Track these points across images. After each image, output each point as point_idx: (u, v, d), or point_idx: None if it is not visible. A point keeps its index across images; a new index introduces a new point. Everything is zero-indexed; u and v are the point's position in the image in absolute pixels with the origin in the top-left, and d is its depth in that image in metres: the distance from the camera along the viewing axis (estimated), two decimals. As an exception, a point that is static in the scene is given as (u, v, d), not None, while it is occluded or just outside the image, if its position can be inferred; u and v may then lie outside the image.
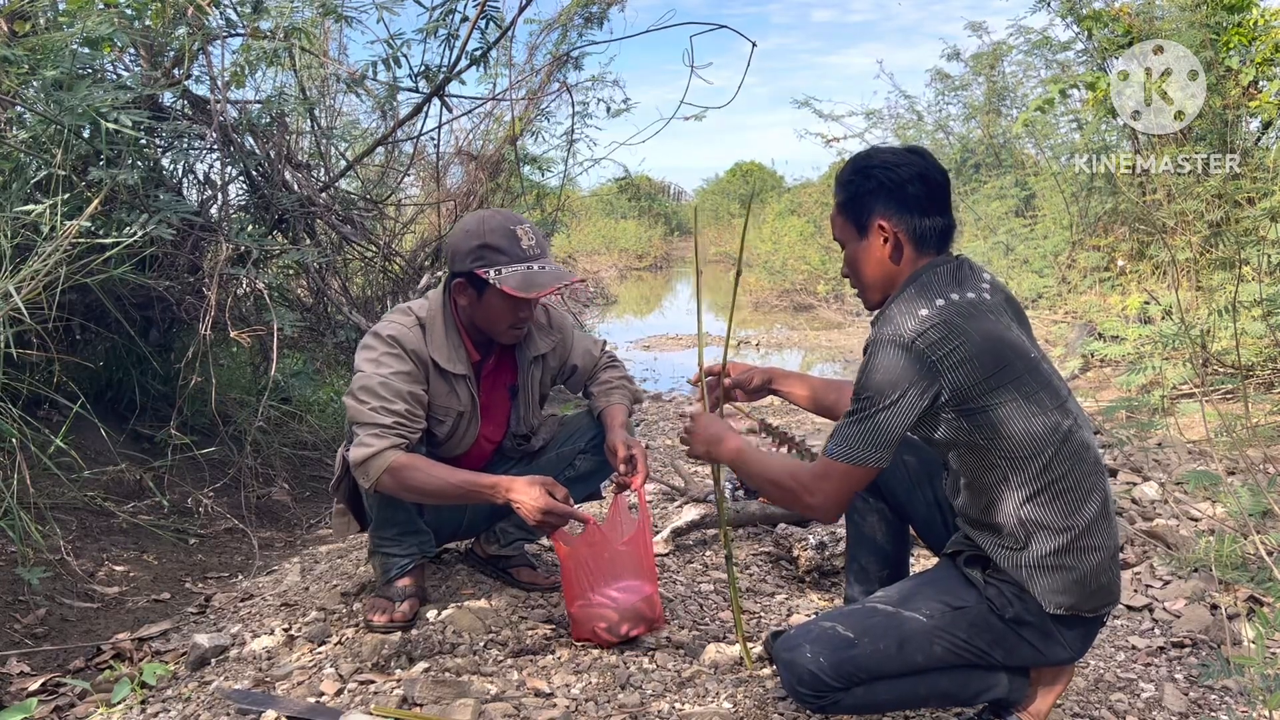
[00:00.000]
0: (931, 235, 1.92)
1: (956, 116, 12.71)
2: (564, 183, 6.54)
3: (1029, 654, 1.90)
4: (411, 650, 2.40)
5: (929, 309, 1.80)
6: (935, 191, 1.93)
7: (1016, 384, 1.79)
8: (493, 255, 2.42)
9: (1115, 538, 1.88)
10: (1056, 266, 8.72)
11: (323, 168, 4.97)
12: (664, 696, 2.23)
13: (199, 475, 4.05)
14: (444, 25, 4.57)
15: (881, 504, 2.35)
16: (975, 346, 1.77)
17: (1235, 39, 6.64)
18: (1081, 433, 1.87)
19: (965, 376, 1.77)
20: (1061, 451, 1.81)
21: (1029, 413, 1.79)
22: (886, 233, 1.91)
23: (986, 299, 1.87)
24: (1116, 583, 1.90)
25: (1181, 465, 4.16)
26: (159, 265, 3.90)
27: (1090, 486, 1.84)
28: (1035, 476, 1.81)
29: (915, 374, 1.77)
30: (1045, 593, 1.82)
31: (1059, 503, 1.82)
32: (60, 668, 2.69)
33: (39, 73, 3.39)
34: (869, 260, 1.96)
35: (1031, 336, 1.96)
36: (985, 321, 1.81)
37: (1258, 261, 5.56)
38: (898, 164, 1.92)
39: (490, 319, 2.51)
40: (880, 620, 1.88)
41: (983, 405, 1.79)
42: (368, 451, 2.33)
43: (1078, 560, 1.82)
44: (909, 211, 1.91)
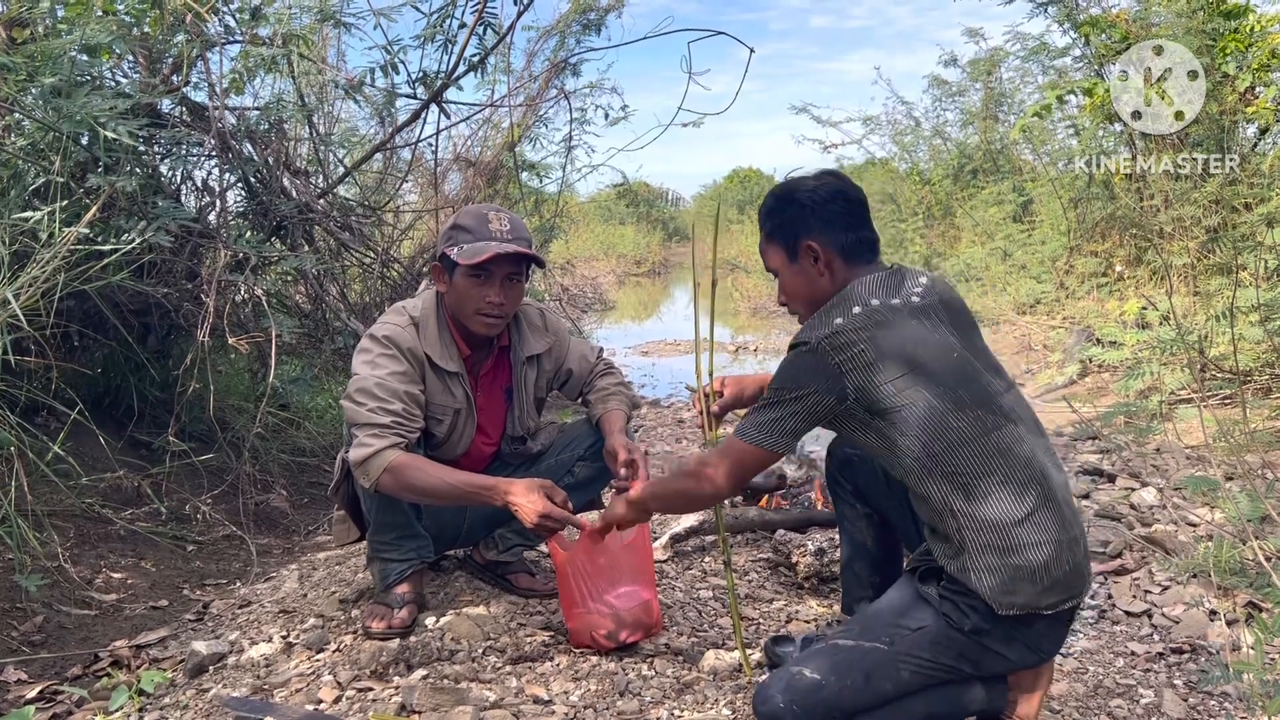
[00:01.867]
0: (858, 248, 2.01)
1: (954, 122, 12.73)
2: (562, 189, 6.55)
3: (996, 662, 1.88)
4: (410, 657, 2.39)
5: (843, 317, 1.87)
6: (854, 208, 2.03)
7: (930, 384, 1.83)
8: (460, 234, 2.46)
9: (1068, 530, 1.84)
10: (1054, 272, 8.73)
11: (321, 174, 4.97)
12: (663, 703, 2.22)
13: (197, 482, 4.05)
14: (441, 31, 4.58)
15: (870, 510, 2.37)
16: (881, 351, 1.83)
17: (1232, 45, 6.65)
18: (1012, 428, 1.86)
19: (869, 379, 1.82)
20: (984, 448, 1.82)
21: (944, 411, 1.82)
22: (816, 252, 2.00)
23: (914, 303, 1.91)
24: (1077, 577, 1.85)
25: (1180, 470, 4.16)
26: (157, 272, 3.90)
27: (1025, 480, 1.82)
28: (961, 473, 1.82)
29: (818, 375, 1.85)
30: (992, 594, 1.80)
31: (991, 498, 1.81)
32: (58, 675, 2.68)
33: (37, 79, 3.39)
34: (804, 282, 2.04)
35: (972, 337, 1.98)
36: (901, 327, 1.86)
37: (1255, 266, 5.57)
38: (816, 186, 2.03)
39: (459, 302, 2.51)
40: (843, 657, 1.87)
41: (894, 405, 1.83)
42: (367, 451, 2.33)
43: (1020, 558, 1.79)
44: (834, 229, 1.99)
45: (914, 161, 13.35)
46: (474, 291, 2.48)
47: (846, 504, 2.43)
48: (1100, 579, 3.10)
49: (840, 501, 2.46)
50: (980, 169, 11.80)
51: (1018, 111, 11.06)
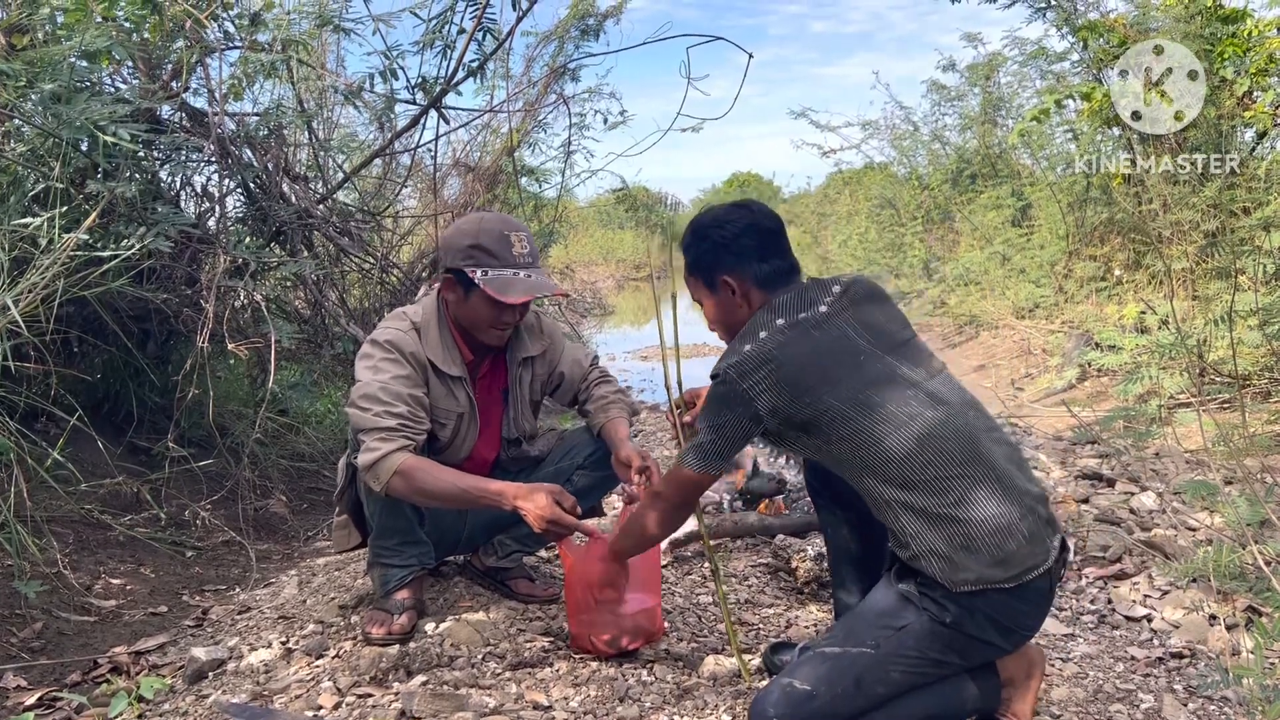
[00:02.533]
0: (773, 277, 2.10)
1: (952, 127, 12.77)
2: (561, 194, 6.55)
3: (983, 650, 1.90)
4: (409, 663, 2.39)
5: (751, 344, 1.97)
6: (767, 238, 2.12)
7: (839, 391, 1.90)
8: (483, 256, 2.46)
9: (1016, 501, 1.85)
10: (1053, 276, 8.74)
11: (320, 180, 4.98)
12: (663, 709, 2.22)
13: (196, 488, 4.05)
14: (440, 37, 4.59)
15: (849, 514, 2.37)
16: (787, 370, 1.91)
17: (1230, 50, 6.67)
18: (934, 413, 1.90)
19: (778, 398, 1.92)
20: (906, 439, 1.86)
21: (858, 414, 1.89)
22: (731, 285, 2.10)
23: (821, 313, 1.99)
24: (1035, 547, 1.84)
25: (1179, 475, 4.17)
26: (156, 277, 3.90)
27: (955, 461, 1.85)
28: (886, 468, 1.88)
29: (732, 403, 1.96)
30: (943, 575, 1.83)
31: (922, 487, 1.85)
32: (57, 681, 2.68)
33: (37, 86, 3.39)
34: (724, 312, 2.15)
35: (888, 333, 2.03)
36: (806, 342, 1.95)
37: (1254, 271, 5.58)
38: (727, 220, 2.13)
39: (474, 318, 2.53)
40: (832, 664, 1.89)
41: (809, 418, 1.92)
42: (376, 455, 2.33)
43: (961, 535, 1.82)
44: (747, 262, 2.10)
45: (913, 166, 13.38)
46: (492, 313, 2.51)
47: (826, 510, 2.44)
48: (1100, 583, 3.11)
49: (821, 508, 2.47)
50: (979, 173, 11.82)
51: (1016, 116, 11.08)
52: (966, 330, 9.85)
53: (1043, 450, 4.88)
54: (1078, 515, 3.61)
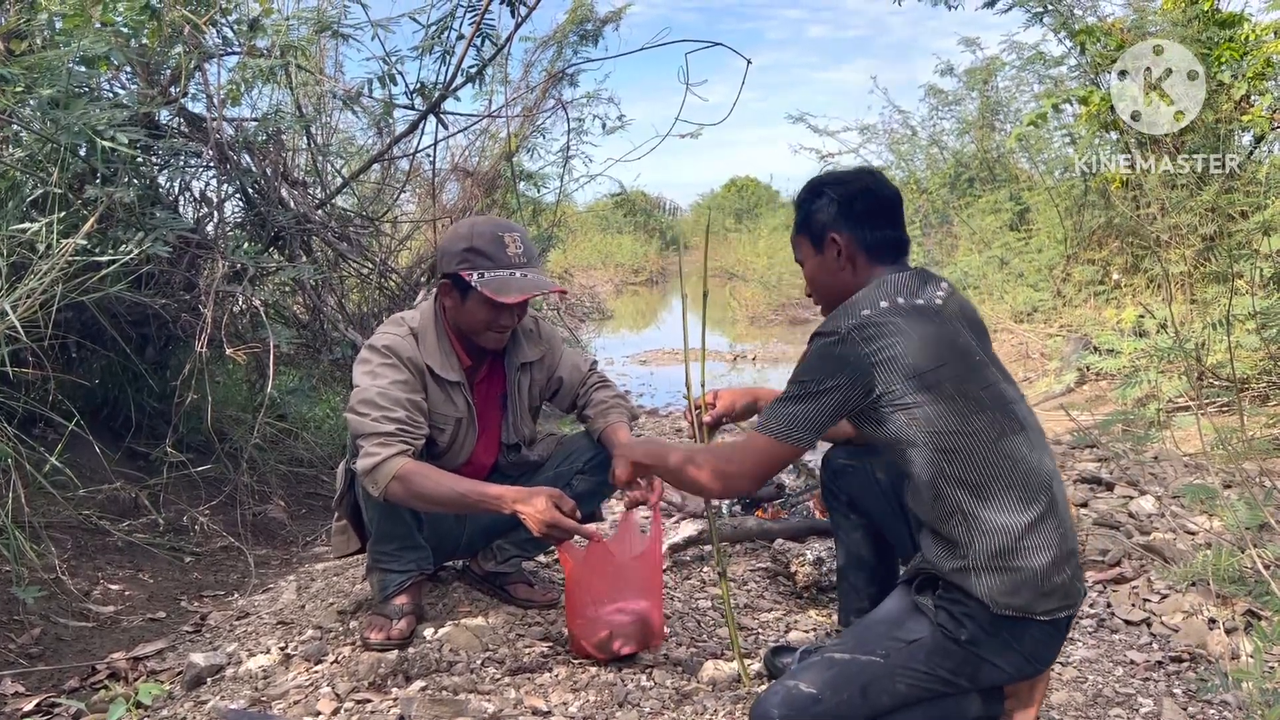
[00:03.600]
0: (884, 247, 2.02)
1: (950, 131, 12.76)
2: (560, 199, 6.56)
3: (993, 674, 1.87)
4: (408, 669, 2.39)
5: (871, 309, 1.88)
6: (884, 206, 2.04)
7: (954, 384, 1.83)
8: (477, 259, 2.46)
9: (1068, 542, 1.85)
10: (1051, 280, 8.75)
11: (319, 185, 4.98)
12: (662, 714, 2.22)
13: (194, 493, 4.04)
14: (439, 43, 4.59)
15: (864, 520, 2.36)
16: (911, 345, 1.83)
17: (1227, 54, 6.68)
18: (1024, 435, 1.87)
19: (897, 372, 1.82)
20: (1001, 450, 1.83)
21: (966, 412, 1.83)
22: (839, 245, 2.02)
23: (937, 304, 1.93)
24: (1074, 587, 1.86)
25: (1178, 479, 4.17)
26: (155, 283, 3.90)
27: (1035, 486, 1.83)
28: (974, 473, 1.82)
29: (847, 365, 1.84)
30: (991, 593, 1.79)
31: (1001, 501, 1.81)
32: (55, 687, 2.67)
33: (35, 91, 3.39)
34: (826, 274, 2.07)
35: (985, 345, 1.99)
36: (928, 324, 1.87)
37: (1252, 275, 5.58)
38: (846, 181, 2.06)
39: (472, 322, 2.53)
40: (839, 670, 1.86)
41: (918, 402, 1.83)
42: (374, 460, 2.33)
43: (1024, 559, 1.79)
44: (858, 225, 2.02)
45: (911, 170, 13.38)
46: (490, 316, 2.51)
47: (841, 514, 2.43)
48: (1099, 587, 3.10)
49: (835, 512, 2.46)
50: (977, 177, 11.83)
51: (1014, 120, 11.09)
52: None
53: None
54: (1077, 519, 3.61)
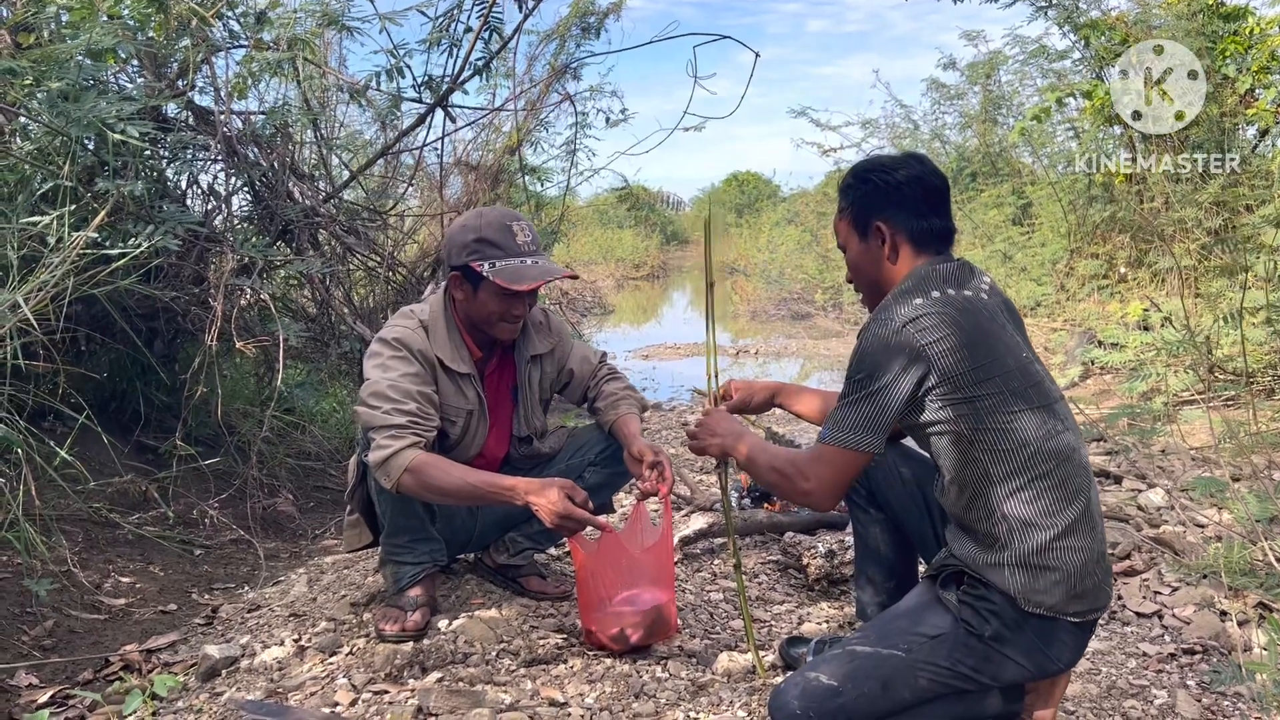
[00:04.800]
0: (929, 237, 1.98)
1: (953, 125, 12.72)
2: (565, 193, 6.55)
3: (1015, 672, 1.87)
4: (424, 660, 2.39)
5: (923, 299, 1.85)
6: (932, 195, 1.99)
7: (1005, 378, 1.82)
8: (488, 249, 2.46)
9: (1100, 543, 1.86)
10: (1054, 274, 8.74)
11: (326, 178, 4.97)
12: (678, 705, 2.22)
13: (204, 486, 4.04)
14: (447, 35, 4.58)
15: (884, 515, 2.36)
16: (965, 336, 1.81)
17: (1231, 47, 6.68)
18: (1068, 435, 1.87)
19: (953, 364, 1.80)
20: (1046, 448, 1.82)
21: (1015, 407, 1.81)
22: (884, 234, 1.98)
23: (984, 298, 1.91)
24: (1104, 589, 1.86)
25: (1186, 472, 4.17)
26: (164, 276, 3.90)
27: (1076, 487, 1.83)
28: (1018, 471, 1.81)
29: (903, 357, 1.81)
30: (1024, 591, 1.79)
31: (1042, 500, 1.81)
32: (69, 680, 2.68)
33: (44, 84, 3.39)
34: (870, 262, 2.03)
35: (1026, 341, 1.98)
36: (979, 317, 1.85)
37: (1263, 269, 5.58)
38: (895, 168, 2.00)
39: (484, 313, 2.54)
40: (860, 663, 1.86)
41: (969, 395, 1.81)
42: (386, 452, 2.33)
43: (1060, 559, 1.79)
44: (906, 214, 1.97)
45: (913, 164, 13.35)
46: (502, 306, 2.51)
47: (860, 509, 2.43)
48: (1110, 580, 3.11)
49: (854, 506, 2.46)
50: (979, 172, 11.81)
51: (1017, 114, 11.07)
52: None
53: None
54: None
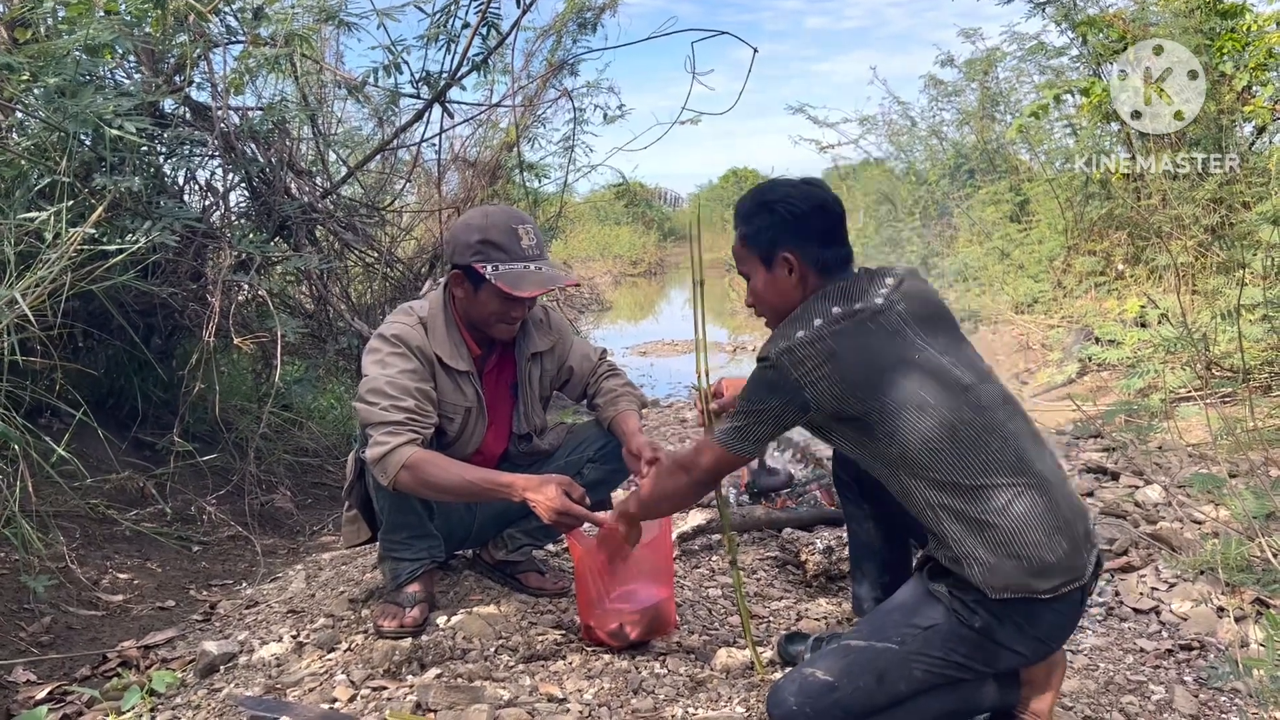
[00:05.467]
0: (833, 263, 2.02)
1: (950, 122, 12.72)
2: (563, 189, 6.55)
3: (1009, 658, 1.88)
4: (423, 656, 2.39)
5: (805, 330, 1.89)
6: (835, 222, 2.04)
7: (891, 388, 1.84)
8: (492, 251, 2.45)
9: (1057, 513, 1.83)
10: (1052, 271, 8.74)
11: (324, 174, 4.97)
12: (677, 701, 2.22)
13: (201, 482, 4.04)
14: (444, 31, 4.57)
15: (876, 509, 2.36)
16: (840, 361, 1.84)
17: (1229, 45, 6.68)
18: (984, 418, 1.85)
19: (829, 390, 1.85)
20: (953, 441, 1.82)
21: (908, 412, 1.83)
22: (791, 264, 2.01)
23: (876, 305, 1.92)
24: (1074, 560, 1.83)
25: (1183, 468, 4.17)
26: (162, 272, 3.89)
27: (1000, 468, 1.82)
28: (930, 467, 1.83)
29: (779, 389, 1.89)
30: (983, 579, 1.80)
31: (964, 491, 1.82)
32: (66, 676, 2.68)
33: (41, 80, 3.38)
34: (776, 291, 2.05)
35: (939, 332, 1.97)
36: (861, 334, 1.88)
37: (1260, 266, 5.59)
38: (798, 197, 2.02)
39: (483, 313, 2.54)
40: (855, 657, 1.87)
41: (858, 412, 1.85)
42: (383, 449, 2.33)
43: (1007, 541, 1.79)
44: (811, 242, 2.00)
45: (910, 161, 13.37)
46: (502, 307, 2.51)
47: (853, 504, 2.43)
48: (1107, 576, 3.11)
49: (846, 501, 2.46)
50: (977, 169, 11.81)
51: (1014, 111, 11.07)
52: (966, 326, 9.78)
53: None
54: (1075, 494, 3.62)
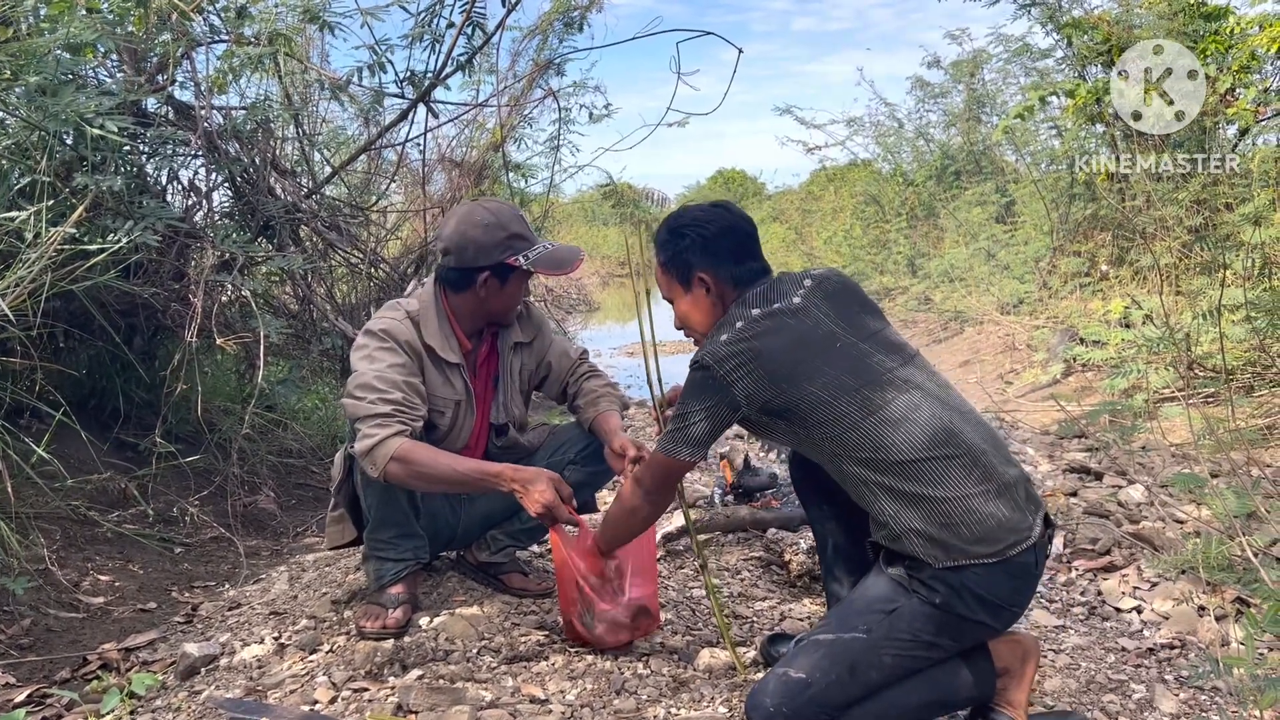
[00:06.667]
0: (748, 277, 2.14)
1: (937, 124, 12.80)
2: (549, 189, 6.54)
3: (975, 630, 1.93)
4: (404, 658, 2.38)
5: (728, 333, 2.00)
6: (744, 240, 2.17)
7: (813, 378, 1.94)
8: (517, 243, 2.55)
9: (991, 479, 1.89)
10: (1037, 272, 8.78)
11: (308, 174, 4.95)
12: (659, 701, 2.22)
13: (184, 484, 4.02)
14: (429, 31, 4.56)
15: (836, 508, 2.37)
16: (764, 357, 1.95)
17: (1212, 47, 6.71)
18: (907, 397, 1.94)
19: (756, 385, 1.95)
20: (879, 422, 1.91)
21: (832, 398, 1.93)
22: (708, 283, 2.14)
23: (795, 303, 2.03)
24: (1015, 521, 1.88)
25: (1166, 468, 4.20)
26: (144, 272, 3.87)
27: (927, 443, 1.89)
28: (857, 450, 1.92)
29: (711, 389, 1.99)
30: (925, 551, 1.87)
31: (894, 469, 1.90)
32: (46, 678, 2.66)
33: (21, 78, 3.36)
34: (697, 310, 2.19)
35: (860, 320, 2.07)
36: (782, 331, 1.99)
37: (1241, 266, 5.62)
38: (707, 220, 2.16)
39: (505, 305, 2.62)
40: (825, 651, 1.90)
41: (789, 404, 1.95)
42: (372, 441, 2.32)
43: (938, 513, 1.86)
44: (723, 262, 2.14)
45: (897, 163, 13.42)
46: (518, 292, 2.61)
47: (813, 505, 2.45)
48: (1089, 576, 3.13)
49: (809, 505, 2.47)
50: (963, 170, 11.87)
51: (1000, 113, 11.13)
52: (951, 326, 9.89)
53: (1030, 444, 4.90)
54: (1066, 508, 3.64)
